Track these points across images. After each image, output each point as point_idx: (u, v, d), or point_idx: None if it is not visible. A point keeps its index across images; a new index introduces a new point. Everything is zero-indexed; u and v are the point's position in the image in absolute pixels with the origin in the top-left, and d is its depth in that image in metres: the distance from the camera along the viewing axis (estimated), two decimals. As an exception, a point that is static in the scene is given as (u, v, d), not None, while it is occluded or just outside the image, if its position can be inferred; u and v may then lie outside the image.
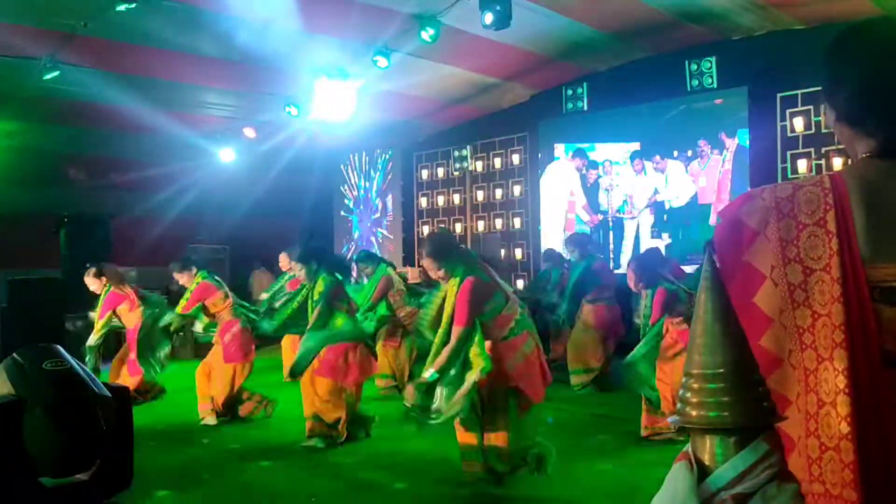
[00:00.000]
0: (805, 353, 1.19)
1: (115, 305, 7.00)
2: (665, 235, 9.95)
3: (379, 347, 7.46)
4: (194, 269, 6.70)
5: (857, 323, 1.14)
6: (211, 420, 6.42)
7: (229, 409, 6.46)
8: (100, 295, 7.11)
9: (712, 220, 9.27)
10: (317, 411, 5.52)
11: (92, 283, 7.13)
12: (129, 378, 6.73)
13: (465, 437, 4.33)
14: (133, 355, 6.77)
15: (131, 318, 6.95)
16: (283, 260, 8.19)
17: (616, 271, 8.87)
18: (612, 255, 10.35)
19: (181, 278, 6.72)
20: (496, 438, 4.24)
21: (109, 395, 1.75)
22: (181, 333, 7.28)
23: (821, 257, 1.19)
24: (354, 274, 8.17)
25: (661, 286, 5.33)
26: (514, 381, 4.20)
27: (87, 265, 7.26)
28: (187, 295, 6.60)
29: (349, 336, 5.52)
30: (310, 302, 5.60)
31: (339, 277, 5.69)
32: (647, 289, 5.47)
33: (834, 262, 1.17)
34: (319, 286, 5.53)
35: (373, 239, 13.47)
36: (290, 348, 8.36)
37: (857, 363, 1.14)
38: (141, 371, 6.70)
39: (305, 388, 5.58)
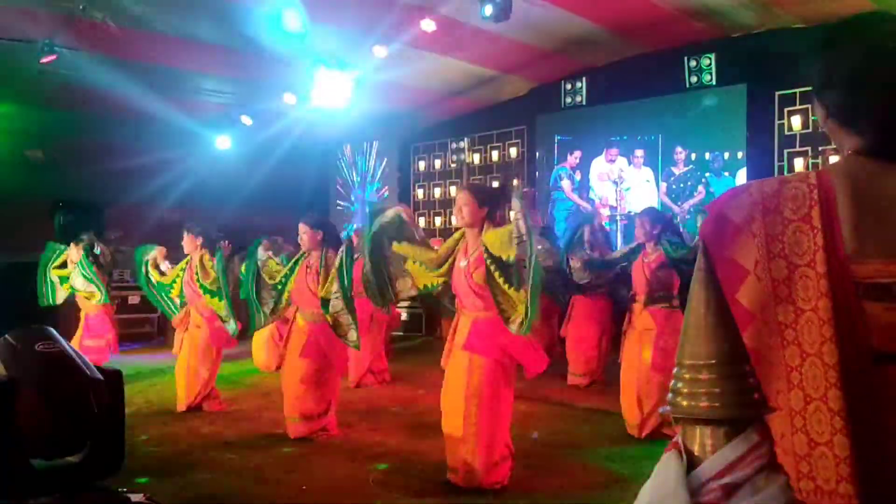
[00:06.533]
0: (787, 349, 1.19)
1: None
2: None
3: None
4: (201, 240, 6.50)
5: (844, 318, 1.14)
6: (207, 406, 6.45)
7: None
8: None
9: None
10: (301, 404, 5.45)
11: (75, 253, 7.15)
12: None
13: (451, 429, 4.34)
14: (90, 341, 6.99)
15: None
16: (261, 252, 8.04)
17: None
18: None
19: (187, 242, 6.51)
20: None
21: (101, 377, 1.75)
22: None
23: (805, 253, 1.19)
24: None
25: (663, 248, 5.38)
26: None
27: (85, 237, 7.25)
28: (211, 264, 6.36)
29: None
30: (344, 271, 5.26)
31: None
32: (652, 241, 5.47)
33: (819, 258, 1.17)
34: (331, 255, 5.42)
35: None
36: (262, 341, 8.36)
37: (846, 358, 1.13)
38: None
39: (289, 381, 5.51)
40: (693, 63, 9.42)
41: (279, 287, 5.69)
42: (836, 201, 1.19)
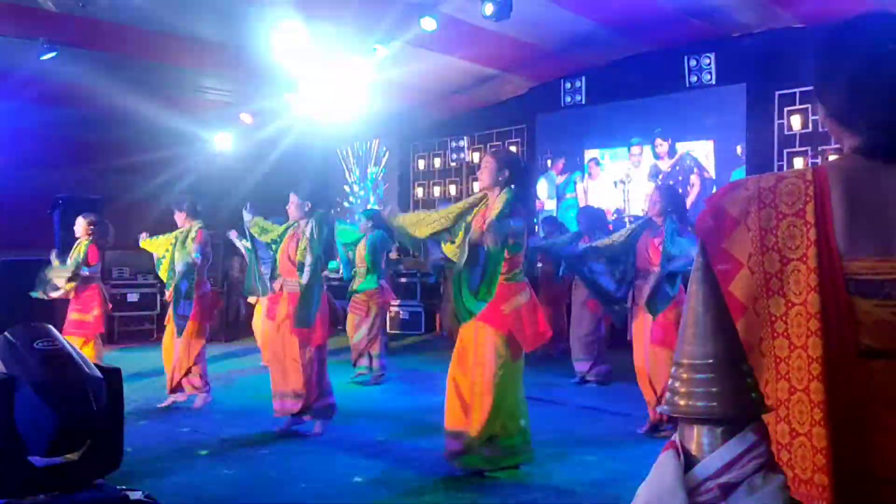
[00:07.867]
0: (776, 340, 1.22)
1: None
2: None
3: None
4: (194, 218, 6.55)
5: (833, 312, 1.17)
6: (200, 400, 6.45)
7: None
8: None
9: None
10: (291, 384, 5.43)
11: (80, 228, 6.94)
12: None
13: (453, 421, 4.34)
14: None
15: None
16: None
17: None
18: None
19: (180, 217, 6.60)
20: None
21: (101, 375, 1.74)
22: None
23: (798, 247, 1.21)
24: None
25: (666, 228, 5.12)
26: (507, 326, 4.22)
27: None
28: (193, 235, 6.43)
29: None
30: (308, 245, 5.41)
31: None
32: (664, 217, 5.20)
33: (811, 252, 1.20)
34: (317, 231, 5.43)
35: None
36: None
37: (831, 352, 1.16)
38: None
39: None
40: (693, 62, 9.42)
41: (273, 249, 5.73)
42: (830, 198, 1.21)
